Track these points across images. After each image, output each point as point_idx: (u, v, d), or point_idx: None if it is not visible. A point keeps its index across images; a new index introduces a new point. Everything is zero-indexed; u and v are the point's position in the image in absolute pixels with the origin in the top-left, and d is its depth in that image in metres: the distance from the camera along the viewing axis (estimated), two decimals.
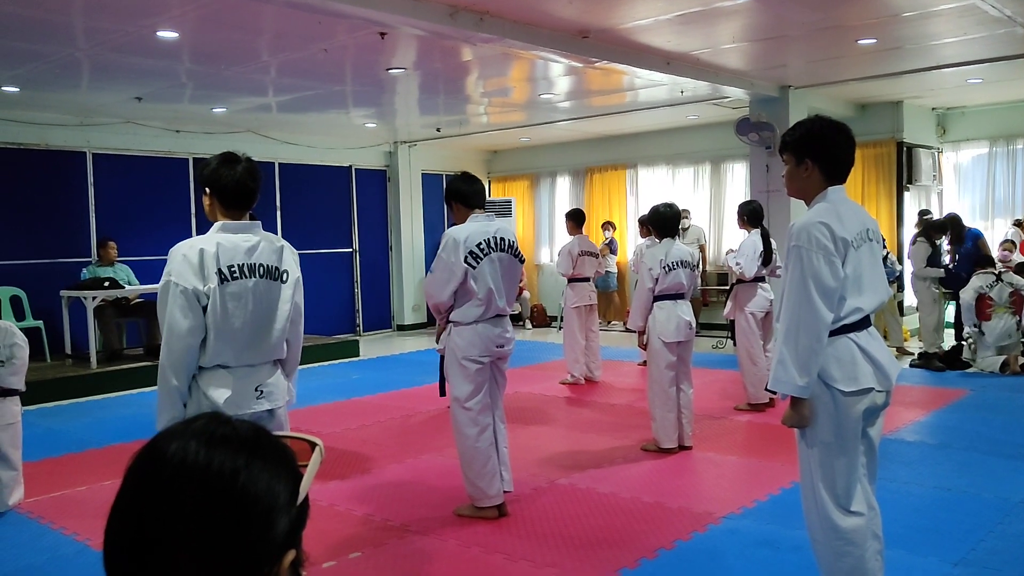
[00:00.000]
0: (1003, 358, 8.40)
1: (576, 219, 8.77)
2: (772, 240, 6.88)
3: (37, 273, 9.58)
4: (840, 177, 2.94)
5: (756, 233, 6.90)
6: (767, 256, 6.79)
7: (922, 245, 9.29)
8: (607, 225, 12.85)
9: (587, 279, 8.55)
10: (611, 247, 12.68)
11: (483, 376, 4.43)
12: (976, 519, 4.30)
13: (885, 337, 9.42)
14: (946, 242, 9.52)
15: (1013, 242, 9.80)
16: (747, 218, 7.04)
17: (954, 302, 9.33)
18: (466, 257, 4.29)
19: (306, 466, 1.00)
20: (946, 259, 9.54)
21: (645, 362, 9.06)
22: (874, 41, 7.29)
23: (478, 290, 4.32)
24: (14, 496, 4.90)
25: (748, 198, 10.14)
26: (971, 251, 9.26)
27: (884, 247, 9.09)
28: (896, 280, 9.45)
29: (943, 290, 9.44)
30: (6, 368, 4.82)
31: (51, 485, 5.32)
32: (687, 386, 5.83)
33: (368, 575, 3.81)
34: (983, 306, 8.57)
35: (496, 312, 4.41)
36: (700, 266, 11.38)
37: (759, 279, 6.94)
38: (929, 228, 9.45)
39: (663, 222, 5.92)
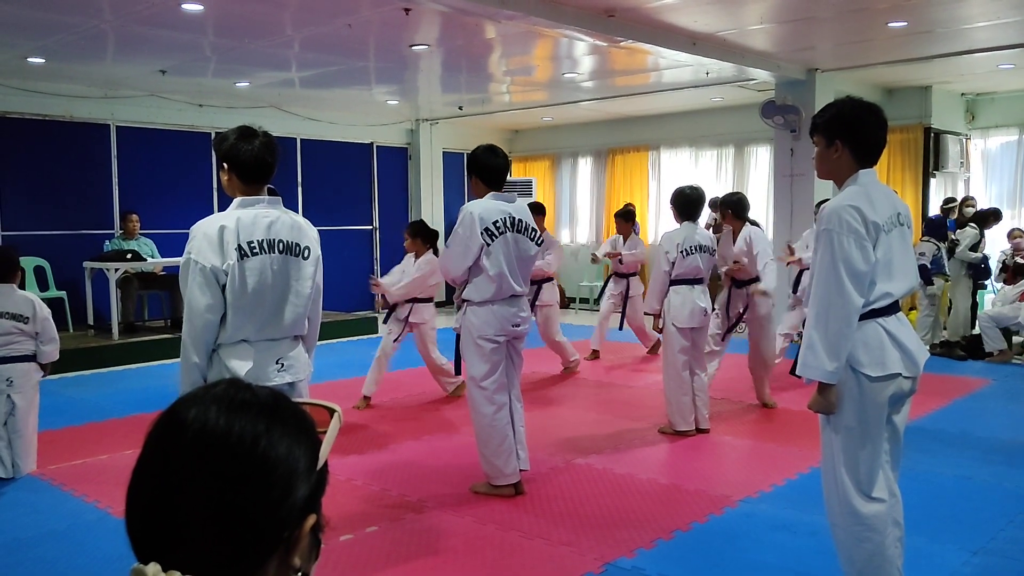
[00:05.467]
0: None
1: (628, 218, 8.77)
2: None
3: (61, 244, 9.66)
4: (871, 160, 2.89)
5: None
6: None
7: (972, 230, 9.21)
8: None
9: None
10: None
11: (499, 355, 4.42)
12: (997, 508, 4.26)
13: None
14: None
15: (1022, 229, 9.72)
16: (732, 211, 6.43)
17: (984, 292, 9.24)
18: (482, 233, 4.27)
19: (325, 432, 0.99)
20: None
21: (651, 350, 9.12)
22: (904, 24, 7.17)
23: (490, 268, 4.29)
24: (29, 463, 4.96)
25: (772, 182, 10.03)
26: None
27: (943, 243, 8.99)
28: (942, 272, 9.15)
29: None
30: (44, 344, 4.94)
31: (73, 453, 5.38)
32: (700, 371, 5.81)
33: (385, 549, 3.82)
34: None
35: (511, 292, 4.39)
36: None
37: None
38: (988, 215, 9.35)
39: (687, 204, 5.84)
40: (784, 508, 4.28)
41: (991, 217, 9.39)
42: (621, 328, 8.52)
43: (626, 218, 8.81)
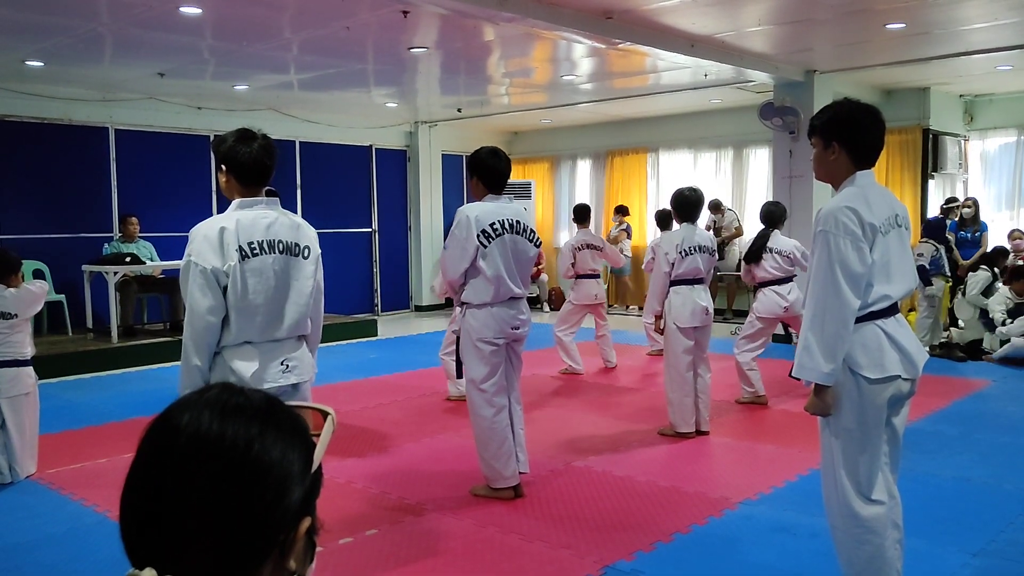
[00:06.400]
0: None
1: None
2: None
3: (59, 248, 9.65)
4: (868, 161, 2.89)
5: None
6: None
7: (984, 273, 8.88)
8: (620, 209, 12.77)
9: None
10: (627, 232, 12.64)
11: (498, 358, 4.41)
12: (996, 510, 4.26)
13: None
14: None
15: (1022, 231, 9.69)
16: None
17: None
18: (478, 235, 4.27)
19: (319, 435, 0.99)
20: None
21: (659, 351, 9.07)
22: (902, 26, 7.17)
23: (487, 269, 4.29)
24: (27, 468, 4.95)
25: (771, 183, 10.00)
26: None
27: (942, 244, 8.94)
28: (941, 273, 8.97)
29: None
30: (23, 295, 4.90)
31: (71, 457, 5.38)
32: (704, 371, 5.81)
33: (384, 552, 3.82)
34: None
35: (510, 295, 4.38)
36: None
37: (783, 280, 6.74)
38: (996, 255, 9.20)
39: (687, 205, 5.84)
40: (784, 510, 4.27)
41: (1000, 256, 9.23)
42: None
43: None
